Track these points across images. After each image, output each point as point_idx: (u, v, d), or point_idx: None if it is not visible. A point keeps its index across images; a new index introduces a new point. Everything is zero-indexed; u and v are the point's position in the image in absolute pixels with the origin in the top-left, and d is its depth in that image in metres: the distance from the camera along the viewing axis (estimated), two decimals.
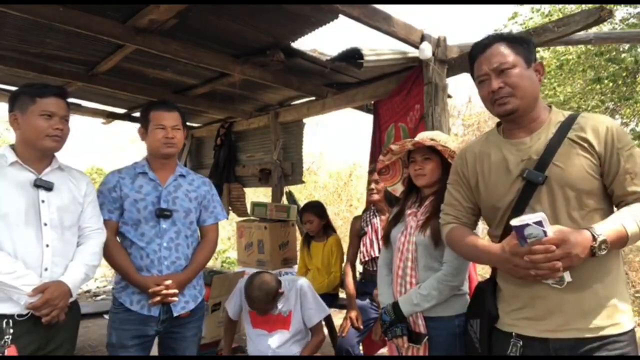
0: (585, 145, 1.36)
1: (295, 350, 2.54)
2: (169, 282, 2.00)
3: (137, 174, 2.12)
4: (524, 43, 1.45)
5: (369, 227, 3.00)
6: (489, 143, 1.56)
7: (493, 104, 1.46)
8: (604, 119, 1.40)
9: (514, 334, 1.42)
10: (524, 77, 1.41)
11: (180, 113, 2.17)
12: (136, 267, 2.03)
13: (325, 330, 3.47)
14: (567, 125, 1.40)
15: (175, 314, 2.05)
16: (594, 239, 1.24)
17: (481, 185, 1.54)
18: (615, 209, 1.40)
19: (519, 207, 1.42)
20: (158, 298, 1.98)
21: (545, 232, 1.23)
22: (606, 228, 1.27)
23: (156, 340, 2.17)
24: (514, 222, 1.27)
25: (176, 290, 2.02)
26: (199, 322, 2.21)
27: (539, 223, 1.23)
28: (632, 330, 1.35)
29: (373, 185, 2.92)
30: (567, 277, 1.30)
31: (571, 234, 1.25)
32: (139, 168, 2.14)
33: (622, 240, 1.28)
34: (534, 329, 1.39)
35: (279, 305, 2.51)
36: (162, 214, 2.05)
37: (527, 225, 1.24)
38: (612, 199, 1.39)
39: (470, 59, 1.54)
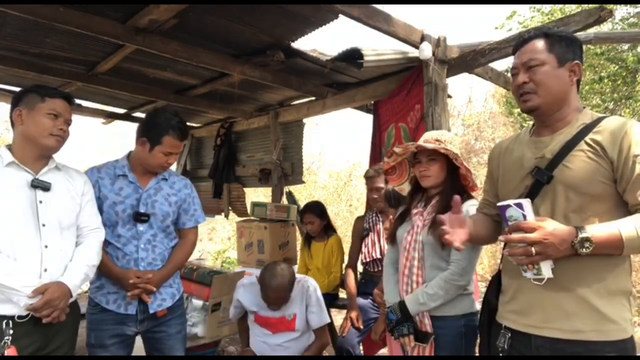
0: (598, 149, 1.32)
1: (304, 344, 2.51)
2: (150, 275, 2.02)
3: (117, 175, 2.09)
4: (563, 41, 1.42)
5: (372, 228, 3.00)
6: (517, 140, 1.58)
7: (519, 98, 1.47)
8: (626, 123, 1.32)
9: (503, 325, 1.47)
10: (550, 76, 1.40)
11: None
12: None
13: None
14: (589, 127, 1.36)
15: (151, 311, 2.06)
16: (577, 235, 1.22)
17: (500, 179, 1.59)
18: None
19: None
20: (137, 291, 1.99)
21: (524, 216, 1.27)
22: (597, 228, 1.24)
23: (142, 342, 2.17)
24: (499, 203, 1.33)
25: (154, 288, 2.03)
26: (181, 318, 2.22)
27: (519, 205, 1.27)
28: (625, 342, 1.29)
29: (377, 190, 2.91)
30: (547, 272, 1.28)
31: (552, 223, 1.26)
32: (120, 169, 2.10)
33: (615, 244, 1.22)
34: (518, 322, 1.42)
35: (284, 308, 2.45)
36: (139, 219, 2.05)
37: (509, 206, 1.29)
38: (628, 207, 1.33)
39: (513, 52, 1.54)
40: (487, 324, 1.58)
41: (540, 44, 1.43)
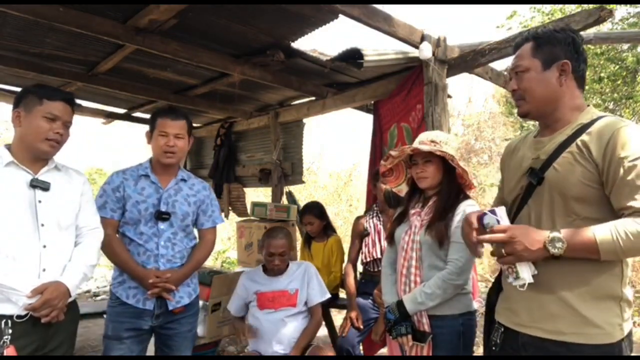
0: (585, 151, 1.30)
1: (302, 321, 2.61)
2: (168, 275, 2.08)
3: (140, 176, 2.18)
4: (549, 42, 1.40)
5: (372, 228, 3.00)
6: (524, 140, 1.59)
7: (515, 103, 1.51)
8: (615, 124, 1.29)
9: (497, 321, 1.51)
10: (534, 81, 1.40)
11: (188, 121, 2.22)
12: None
13: (325, 330, 3.48)
14: (584, 128, 1.35)
15: (170, 308, 2.13)
16: (549, 235, 1.24)
17: (505, 179, 1.62)
18: None
19: (521, 204, 1.45)
20: (156, 290, 2.06)
21: (498, 221, 1.33)
22: (572, 231, 1.25)
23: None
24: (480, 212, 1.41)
25: (174, 287, 2.10)
26: (193, 318, 2.29)
27: (493, 212, 1.35)
28: (611, 345, 1.27)
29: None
30: (526, 276, 1.31)
31: (522, 226, 1.32)
32: (142, 170, 2.20)
33: (590, 248, 1.22)
34: (508, 320, 1.45)
35: (286, 281, 2.60)
36: (161, 217, 2.13)
37: (485, 214, 1.36)
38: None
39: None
40: (488, 320, 1.61)
41: (526, 48, 1.43)
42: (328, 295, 2.72)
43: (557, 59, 1.39)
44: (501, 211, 1.35)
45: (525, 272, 1.31)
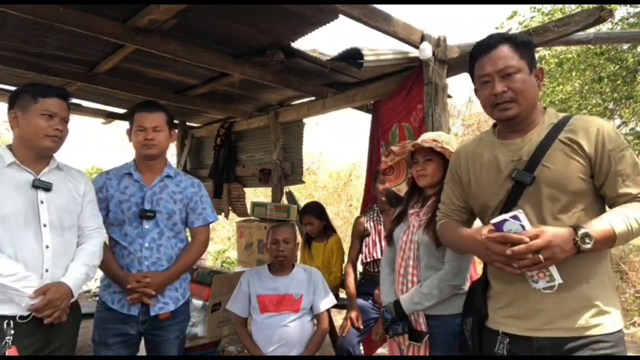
0: (575, 147, 1.34)
1: (307, 324, 2.55)
2: (148, 280, 2.01)
3: (123, 174, 2.14)
4: (527, 47, 1.42)
5: (372, 228, 3.00)
6: (483, 143, 1.56)
7: (493, 107, 1.43)
8: (595, 120, 1.38)
9: (500, 331, 1.44)
10: (527, 83, 1.39)
11: (167, 114, 2.15)
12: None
13: None
14: (559, 126, 1.39)
15: (152, 314, 2.06)
16: (576, 232, 1.24)
17: (473, 184, 1.55)
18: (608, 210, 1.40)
19: (508, 207, 1.41)
20: (135, 295, 1.99)
21: (523, 226, 1.26)
22: (591, 224, 1.27)
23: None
24: (493, 220, 1.31)
25: (153, 292, 2.02)
26: (182, 324, 2.20)
27: (515, 217, 1.27)
28: (620, 332, 1.34)
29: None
30: (557, 277, 1.27)
31: (549, 227, 1.28)
32: (126, 169, 2.16)
33: (609, 239, 1.26)
34: (518, 327, 1.40)
35: (291, 284, 2.55)
36: (145, 215, 2.06)
37: (505, 220, 1.28)
38: (605, 201, 1.38)
39: (472, 58, 1.50)
40: (478, 331, 1.55)
41: (508, 50, 1.40)
42: (334, 302, 2.69)
43: (535, 64, 1.43)
44: (522, 215, 1.28)
45: (557, 273, 1.27)
